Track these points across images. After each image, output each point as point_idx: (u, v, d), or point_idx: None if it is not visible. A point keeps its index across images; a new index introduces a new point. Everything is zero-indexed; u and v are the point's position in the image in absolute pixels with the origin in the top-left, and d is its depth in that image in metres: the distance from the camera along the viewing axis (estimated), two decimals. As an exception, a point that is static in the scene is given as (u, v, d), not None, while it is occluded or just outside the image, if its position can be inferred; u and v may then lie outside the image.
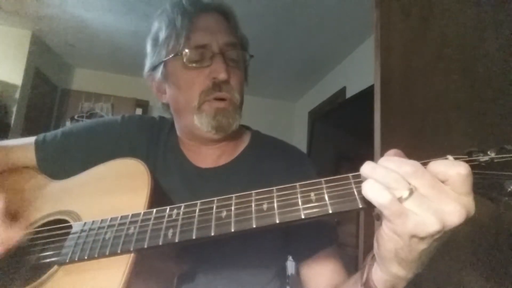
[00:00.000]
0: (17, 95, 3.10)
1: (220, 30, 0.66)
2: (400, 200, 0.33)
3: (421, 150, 1.14)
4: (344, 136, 2.53)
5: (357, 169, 0.38)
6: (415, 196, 0.33)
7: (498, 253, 0.90)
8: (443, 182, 0.34)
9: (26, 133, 0.74)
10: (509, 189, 0.33)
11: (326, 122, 3.02)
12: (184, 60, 0.65)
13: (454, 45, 1.12)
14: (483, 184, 0.35)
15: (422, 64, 1.10)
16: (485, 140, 1.07)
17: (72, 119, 3.71)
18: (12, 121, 3.05)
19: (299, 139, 4.04)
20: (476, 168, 0.35)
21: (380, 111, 1.03)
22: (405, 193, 0.33)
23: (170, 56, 0.67)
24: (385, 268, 0.38)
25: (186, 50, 0.65)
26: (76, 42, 3.36)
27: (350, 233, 1.80)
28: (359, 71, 2.85)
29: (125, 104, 3.88)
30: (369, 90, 1.19)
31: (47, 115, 3.67)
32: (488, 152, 0.35)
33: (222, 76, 0.63)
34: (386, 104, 1.04)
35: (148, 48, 0.73)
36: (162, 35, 0.68)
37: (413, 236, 0.33)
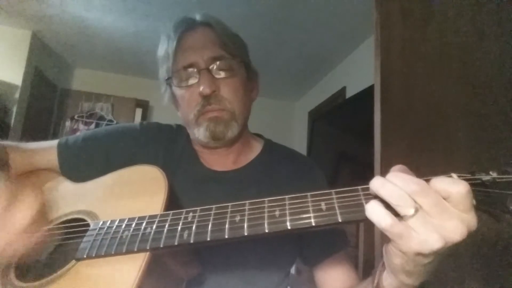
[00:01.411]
0: (17, 95, 3.10)
1: (205, 45, 0.69)
2: (405, 218, 0.35)
3: (421, 150, 1.15)
4: (344, 136, 2.53)
5: (357, 169, 0.39)
6: (420, 214, 0.35)
7: (500, 266, 0.91)
8: (445, 199, 0.36)
9: (26, 133, 0.75)
10: (511, 207, 0.35)
11: (326, 122, 3.02)
12: (174, 82, 0.71)
13: (454, 45, 1.12)
14: (486, 201, 0.37)
15: (422, 64, 1.10)
16: (485, 140, 1.07)
17: (72, 119, 3.71)
18: (12, 121, 3.05)
19: (299, 139, 4.04)
20: (479, 186, 0.37)
21: (380, 111, 1.03)
22: (411, 211, 0.35)
23: (166, 78, 0.73)
24: (394, 276, 0.42)
25: (176, 72, 0.70)
26: (76, 42, 3.35)
27: (350, 233, 1.80)
28: (359, 71, 2.85)
29: (125, 104, 3.88)
30: (369, 90, 1.19)
31: (47, 115, 3.67)
32: (490, 172, 0.38)
33: (205, 91, 0.66)
34: (386, 104, 1.04)
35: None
36: (160, 57, 0.75)
37: (417, 253, 0.36)
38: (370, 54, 1.19)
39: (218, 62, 0.68)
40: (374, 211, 0.36)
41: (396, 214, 0.36)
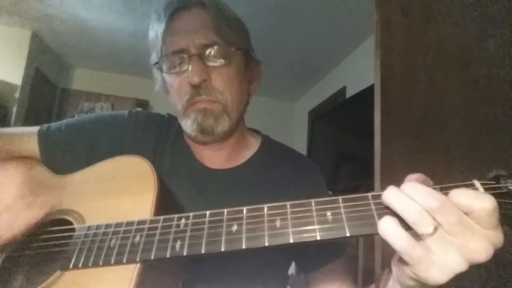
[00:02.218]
0: (17, 95, 3.10)
1: (197, 29, 0.61)
2: (422, 236, 0.32)
3: (421, 150, 1.14)
4: (344, 136, 2.53)
5: (357, 169, 0.38)
6: (439, 233, 0.31)
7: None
8: (466, 214, 0.32)
9: None
10: None
11: (326, 122, 3.01)
12: (163, 68, 0.64)
13: (454, 45, 1.12)
14: (511, 215, 0.32)
15: (422, 64, 1.10)
16: (485, 140, 1.07)
17: (72, 119, 3.71)
18: (12, 121, 3.05)
19: (299, 139, 4.04)
20: (505, 197, 0.33)
21: (380, 111, 1.03)
22: (429, 229, 0.31)
23: (155, 62, 0.65)
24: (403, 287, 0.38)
25: (165, 57, 0.63)
26: (76, 42, 3.36)
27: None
28: (359, 71, 2.85)
29: (125, 104, 3.88)
30: (369, 90, 1.19)
31: (47, 115, 3.67)
32: None
33: (194, 80, 0.59)
34: (386, 104, 1.04)
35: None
36: (149, 39, 0.67)
37: (436, 280, 0.32)
38: (370, 54, 1.19)
39: (211, 49, 0.61)
40: (389, 230, 0.32)
41: (408, 227, 0.32)
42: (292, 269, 0.73)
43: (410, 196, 0.32)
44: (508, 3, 1.12)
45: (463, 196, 0.32)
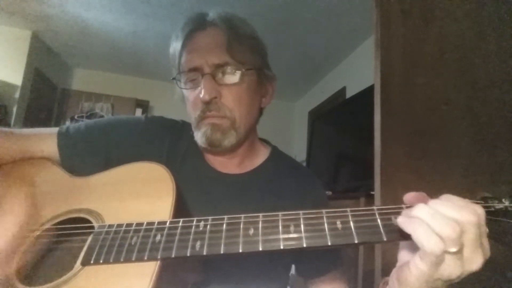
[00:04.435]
0: (17, 95, 3.10)
1: (211, 49, 0.66)
2: (446, 251, 0.35)
3: (421, 150, 1.14)
4: (344, 136, 2.53)
5: (357, 169, 0.39)
6: (459, 254, 0.35)
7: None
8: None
9: None
10: None
11: (326, 122, 3.01)
12: (181, 83, 0.70)
13: (454, 45, 1.12)
14: (497, 230, 0.37)
15: (422, 64, 1.10)
16: (485, 140, 1.07)
17: (72, 119, 3.71)
18: (12, 121, 3.05)
19: (299, 139, 4.04)
20: (491, 215, 0.38)
21: (380, 111, 1.03)
22: (454, 249, 0.35)
23: (173, 78, 0.71)
24: None
25: (181, 73, 0.69)
26: (76, 42, 3.36)
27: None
28: (359, 71, 2.85)
29: (125, 104, 3.88)
30: (369, 90, 1.19)
31: (47, 115, 3.67)
32: (503, 200, 0.38)
33: (205, 98, 0.64)
34: (386, 104, 1.04)
35: None
36: (170, 54, 0.73)
37: (439, 279, 0.37)
38: (370, 54, 1.19)
39: (223, 68, 0.66)
40: (427, 232, 0.35)
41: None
42: (292, 270, 0.75)
43: (446, 215, 0.36)
44: (508, 3, 1.12)
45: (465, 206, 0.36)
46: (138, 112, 3.91)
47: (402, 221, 0.38)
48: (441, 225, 0.35)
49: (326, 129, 2.93)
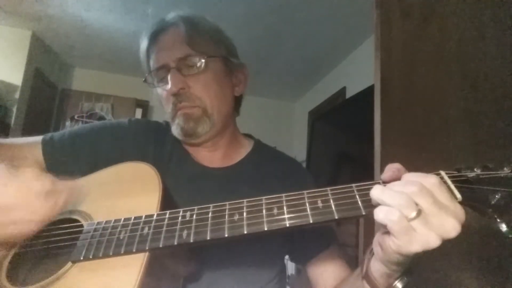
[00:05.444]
0: (17, 95, 3.10)
1: (173, 45, 0.70)
2: (408, 219, 0.36)
3: (421, 150, 1.14)
4: (344, 136, 2.53)
5: (357, 169, 0.39)
6: (422, 216, 0.36)
7: (487, 254, 0.92)
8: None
9: (26, 133, 0.73)
10: (493, 202, 0.38)
11: (326, 122, 3.02)
12: (152, 83, 0.74)
13: (454, 45, 1.12)
14: (471, 197, 0.39)
15: (422, 64, 1.10)
16: (485, 140, 1.07)
17: (72, 119, 3.71)
18: (12, 121, 3.05)
19: (299, 139, 4.04)
20: (465, 183, 0.40)
21: (380, 111, 1.03)
22: (413, 213, 0.36)
23: (144, 80, 0.75)
24: (384, 264, 0.43)
25: (151, 73, 0.73)
26: (76, 42, 3.36)
27: (350, 233, 1.80)
28: (359, 71, 2.85)
29: (125, 104, 3.88)
30: (369, 90, 1.19)
31: (47, 115, 3.67)
32: (475, 169, 0.41)
33: (172, 90, 0.68)
34: (386, 104, 1.04)
35: None
36: (140, 58, 0.77)
37: (420, 248, 0.37)
38: (370, 54, 1.19)
39: (185, 60, 0.69)
40: (382, 208, 0.38)
41: None
42: (292, 270, 0.75)
43: (393, 189, 0.38)
44: (508, 3, 1.13)
45: (415, 177, 0.39)
46: (138, 112, 3.91)
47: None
48: (390, 196, 0.37)
49: (326, 129, 2.93)
